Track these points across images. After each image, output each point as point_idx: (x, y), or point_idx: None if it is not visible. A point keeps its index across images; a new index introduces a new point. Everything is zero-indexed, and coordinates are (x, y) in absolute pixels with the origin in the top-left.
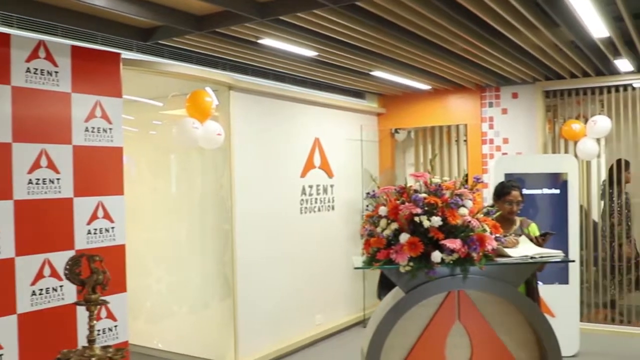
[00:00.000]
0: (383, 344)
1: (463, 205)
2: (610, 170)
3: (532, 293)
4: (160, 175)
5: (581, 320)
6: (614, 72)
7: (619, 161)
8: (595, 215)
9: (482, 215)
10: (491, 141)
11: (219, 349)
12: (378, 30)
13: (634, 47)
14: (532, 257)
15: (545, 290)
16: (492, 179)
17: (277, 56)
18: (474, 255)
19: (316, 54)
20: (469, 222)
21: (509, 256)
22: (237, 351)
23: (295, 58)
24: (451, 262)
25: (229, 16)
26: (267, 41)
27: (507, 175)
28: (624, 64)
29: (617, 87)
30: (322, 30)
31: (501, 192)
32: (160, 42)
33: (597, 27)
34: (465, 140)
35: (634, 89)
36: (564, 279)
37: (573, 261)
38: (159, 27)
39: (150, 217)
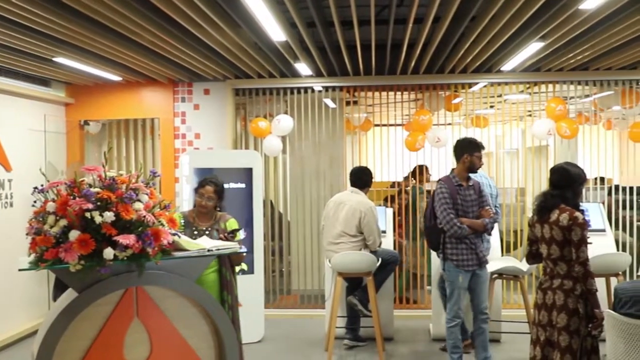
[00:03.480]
0: (54, 348)
1: (138, 200)
2: None
3: (225, 286)
4: None
5: (266, 307)
6: (296, 75)
7: None
8: (281, 208)
9: (159, 210)
10: (183, 136)
11: None
12: (58, 14)
13: (310, 53)
14: (209, 250)
15: None
16: (183, 173)
17: None
18: (149, 250)
19: None
20: (144, 216)
21: (187, 250)
22: None
23: None
24: (125, 258)
25: None
26: None
27: (197, 170)
28: (303, 68)
29: (299, 89)
30: None
31: (198, 185)
32: None
33: (275, 31)
34: (159, 135)
35: (313, 91)
36: (250, 269)
37: (246, 252)
38: None
39: None
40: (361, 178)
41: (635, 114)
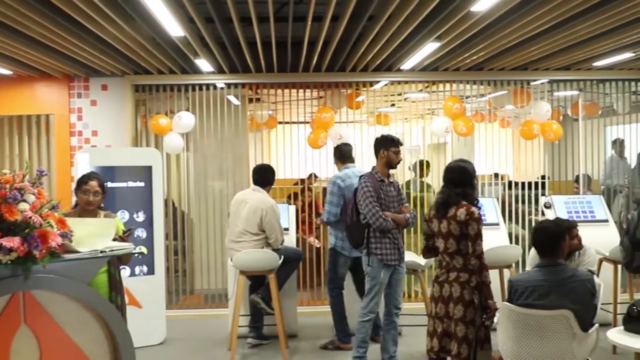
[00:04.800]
0: None
1: (24, 200)
2: None
3: (114, 286)
4: None
5: (169, 308)
6: (197, 71)
7: None
8: (184, 206)
9: (47, 210)
10: (80, 133)
11: None
12: None
13: (210, 49)
14: (102, 252)
15: (132, 282)
16: (80, 172)
17: None
18: (36, 253)
19: None
20: (30, 217)
21: (78, 252)
22: None
23: None
24: (9, 262)
25: None
26: None
27: (95, 168)
28: (204, 64)
29: (201, 86)
30: None
31: (80, 181)
32: None
33: (172, 26)
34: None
35: (215, 88)
36: (150, 270)
37: (142, 253)
38: None
39: None
40: (263, 176)
41: (527, 113)
